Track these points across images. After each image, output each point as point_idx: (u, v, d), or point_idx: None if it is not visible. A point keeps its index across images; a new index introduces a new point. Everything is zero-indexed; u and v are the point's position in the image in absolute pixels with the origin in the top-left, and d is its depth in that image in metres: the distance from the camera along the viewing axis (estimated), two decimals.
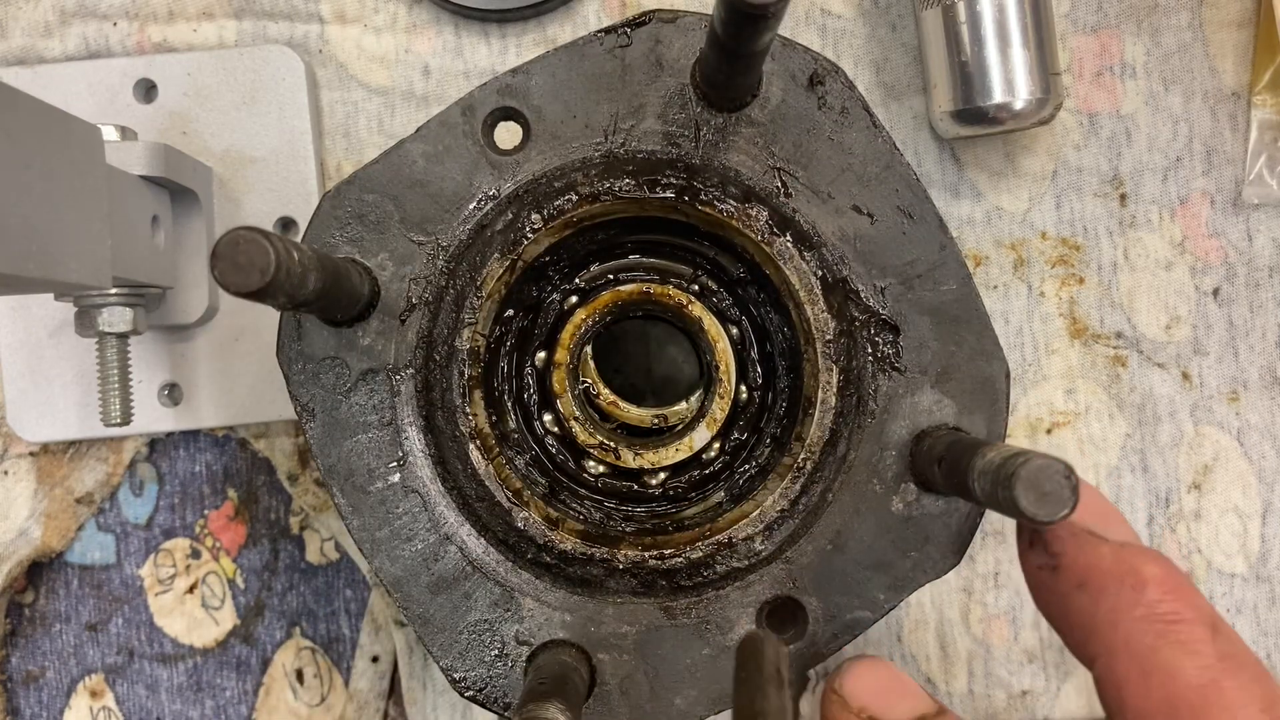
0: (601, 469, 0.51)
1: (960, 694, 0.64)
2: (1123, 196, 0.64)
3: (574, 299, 0.52)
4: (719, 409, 0.50)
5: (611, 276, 0.52)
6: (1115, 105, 0.64)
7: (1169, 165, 0.64)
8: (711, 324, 0.50)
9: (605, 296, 0.51)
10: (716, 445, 0.51)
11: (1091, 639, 0.38)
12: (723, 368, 0.50)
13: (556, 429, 0.52)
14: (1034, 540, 0.42)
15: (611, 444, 0.50)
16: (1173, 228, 0.64)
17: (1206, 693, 0.35)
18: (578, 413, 0.51)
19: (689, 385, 0.57)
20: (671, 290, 0.51)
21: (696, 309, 0.50)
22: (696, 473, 0.52)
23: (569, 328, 0.51)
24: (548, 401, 0.51)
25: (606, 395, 0.53)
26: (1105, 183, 0.64)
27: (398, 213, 0.47)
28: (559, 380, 0.50)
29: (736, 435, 0.52)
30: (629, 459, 0.50)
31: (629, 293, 0.51)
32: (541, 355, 0.52)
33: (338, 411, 0.47)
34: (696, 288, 0.52)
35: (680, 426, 0.53)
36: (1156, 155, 0.64)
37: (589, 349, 0.53)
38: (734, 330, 0.52)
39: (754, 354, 0.52)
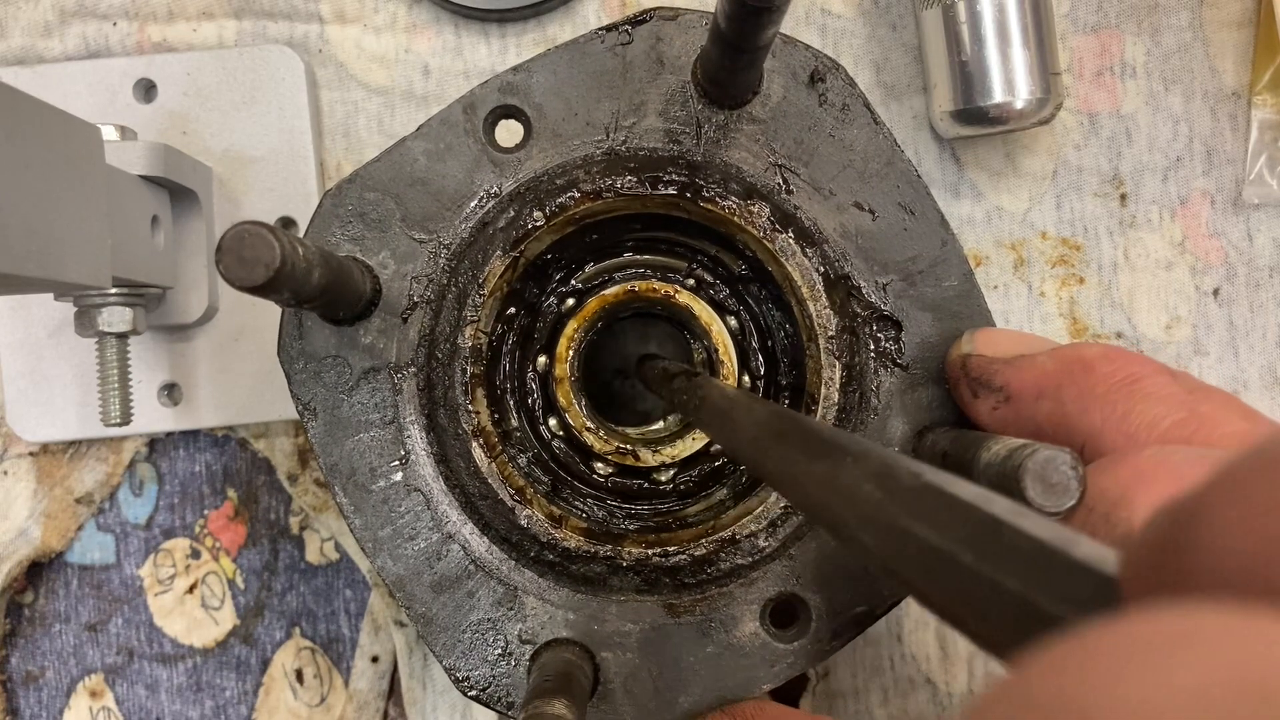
0: (611, 469, 0.51)
1: (960, 694, 0.64)
2: (1123, 196, 0.64)
3: (570, 301, 0.52)
4: None
5: (607, 276, 0.52)
6: (1115, 105, 0.64)
7: (1169, 165, 0.64)
8: (702, 309, 0.50)
9: (592, 303, 0.51)
10: None
11: (1071, 435, 0.39)
12: (721, 350, 0.50)
13: (563, 432, 0.52)
14: (976, 390, 0.43)
15: (628, 446, 0.50)
16: (1173, 228, 0.64)
17: (1189, 423, 0.36)
18: (589, 424, 0.50)
19: None
20: (656, 284, 0.51)
21: (684, 297, 0.50)
22: (706, 466, 0.52)
23: (564, 340, 0.51)
24: (553, 406, 0.51)
25: (595, 438, 0.51)
26: (1105, 183, 0.64)
27: (399, 211, 0.47)
28: (564, 394, 0.50)
29: None
30: (648, 457, 0.50)
31: (614, 294, 0.51)
32: (542, 359, 0.52)
33: (339, 410, 0.47)
34: (692, 282, 0.52)
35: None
36: (1156, 155, 0.64)
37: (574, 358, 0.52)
38: (732, 321, 0.52)
39: (754, 344, 0.52)
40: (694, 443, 0.50)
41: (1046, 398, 0.40)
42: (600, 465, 0.51)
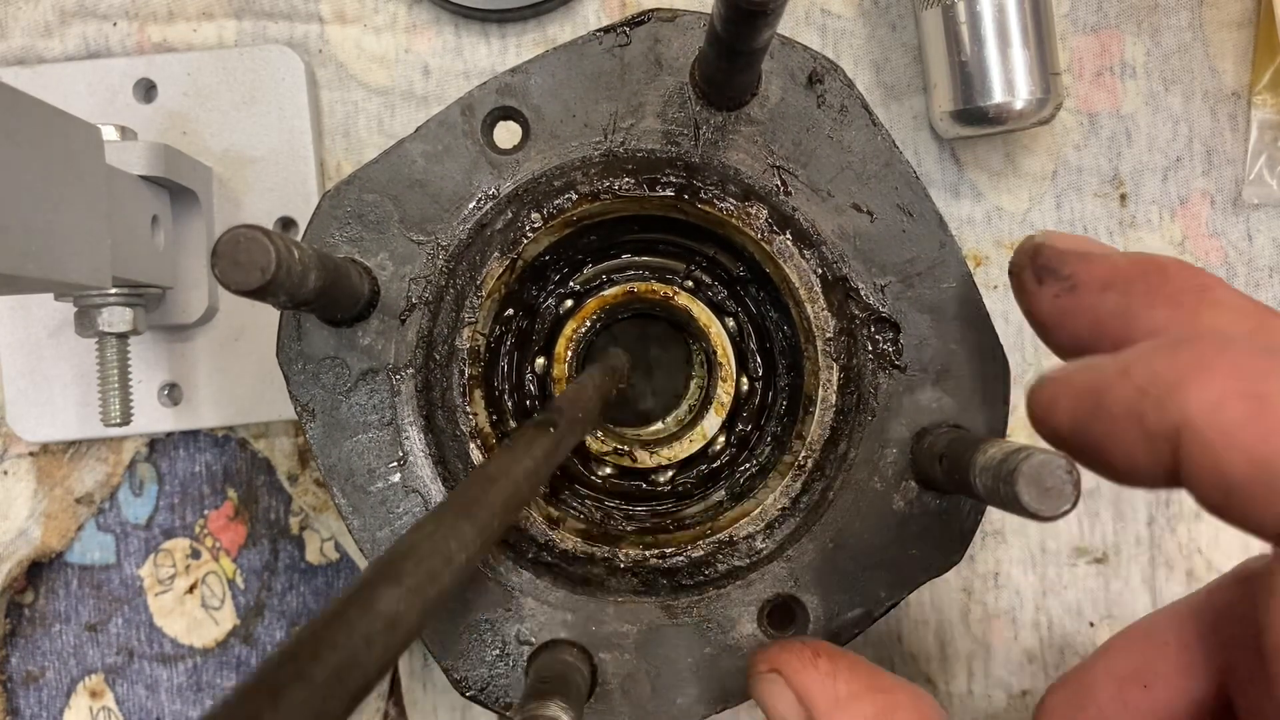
0: (609, 470, 0.51)
1: (960, 694, 0.64)
2: (1123, 196, 0.64)
3: (569, 303, 0.52)
4: (724, 392, 0.50)
5: (605, 278, 0.52)
6: (1115, 105, 0.64)
7: (1169, 165, 0.64)
8: (700, 311, 0.50)
9: (591, 304, 0.51)
10: (722, 438, 0.51)
11: (1132, 330, 0.38)
12: (720, 351, 0.50)
13: None
14: (1041, 277, 0.42)
15: (625, 448, 0.50)
16: (1173, 228, 0.64)
17: (1258, 335, 0.36)
18: None
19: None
20: (656, 285, 0.51)
21: (682, 298, 0.50)
22: (704, 467, 0.52)
23: (562, 340, 0.51)
24: None
25: (593, 439, 0.51)
26: (1105, 183, 0.64)
27: (397, 212, 0.47)
28: None
29: (741, 426, 0.52)
30: (645, 459, 0.50)
31: (613, 295, 0.51)
32: (541, 361, 0.52)
33: (338, 412, 0.47)
34: (690, 283, 0.52)
35: (689, 419, 0.53)
36: (1156, 155, 0.64)
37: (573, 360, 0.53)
38: (730, 322, 0.52)
39: (752, 345, 0.52)
40: (691, 444, 0.50)
41: (1115, 290, 0.39)
42: (598, 466, 0.51)
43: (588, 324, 0.51)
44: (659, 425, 0.55)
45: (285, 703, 0.19)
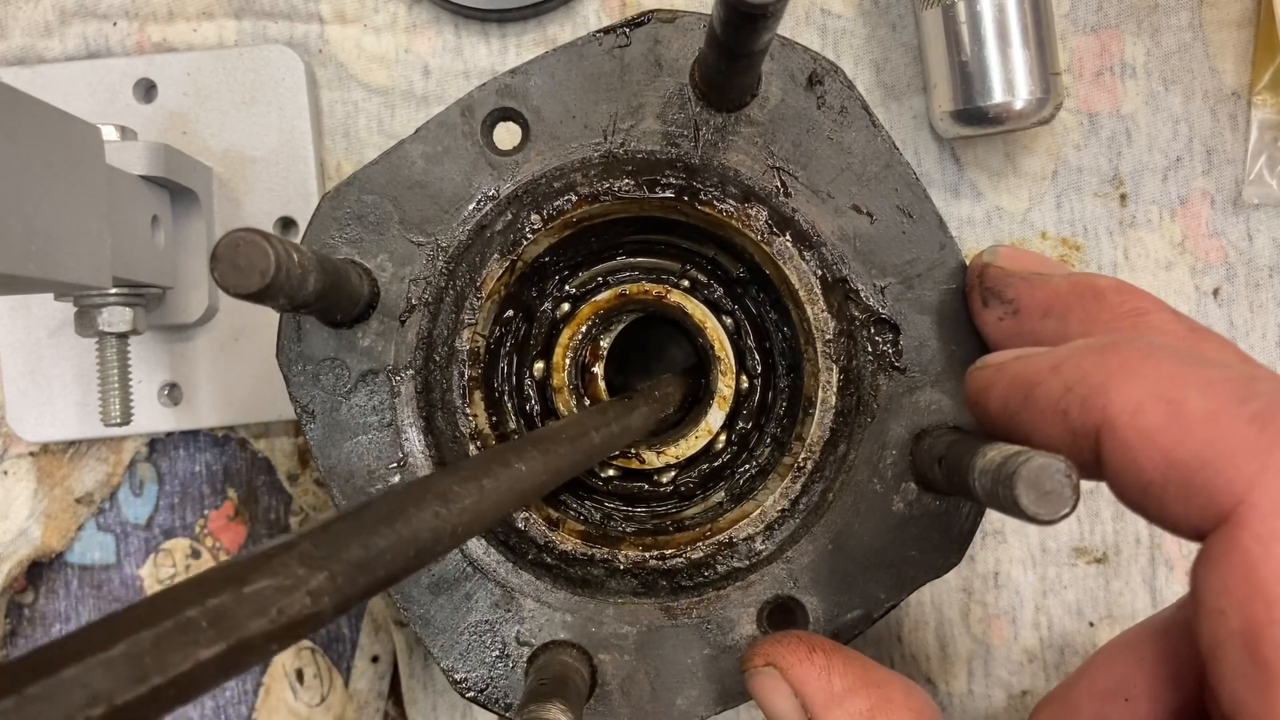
0: (613, 473, 0.51)
1: (960, 694, 0.64)
2: (1123, 196, 0.64)
3: (566, 306, 0.52)
4: (725, 385, 0.50)
5: (601, 280, 0.52)
6: (1115, 105, 0.64)
7: (1169, 165, 0.64)
8: (695, 307, 0.50)
9: (585, 310, 0.51)
10: (724, 436, 0.51)
11: None
12: (717, 345, 0.50)
13: None
14: (986, 299, 0.44)
15: (633, 450, 0.50)
16: (1173, 228, 0.64)
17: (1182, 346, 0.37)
18: None
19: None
20: (648, 285, 0.51)
21: (675, 296, 0.50)
22: (706, 466, 0.52)
23: (559, 350, 0.50)
24: (553, 412, 0.51)
25: None
26: (1105, 183, 0.64)
27: (397, 214, 0.47)
28: (563, 403, 0.50)
29: (742, 425, 0.52)
30: (652, 459, 0.50)
31: (606, 300, 0.51)
32: (539, 365, 0.52)
33: (338, 413, 0.47)
34: (686, 283, 0.51)
35: (691, 413, 0.53)
36: (1156, 155, 0.64)
37: (600, 369, 0.53)
38: (728, 320, 0.51)
39: (750, 343, 0.52)
40: (696, 441, 0.50)
41: (1053, 317, 0.41)
42: (602, 469, 0.51)
43: (584, 331, 0.51)
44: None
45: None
